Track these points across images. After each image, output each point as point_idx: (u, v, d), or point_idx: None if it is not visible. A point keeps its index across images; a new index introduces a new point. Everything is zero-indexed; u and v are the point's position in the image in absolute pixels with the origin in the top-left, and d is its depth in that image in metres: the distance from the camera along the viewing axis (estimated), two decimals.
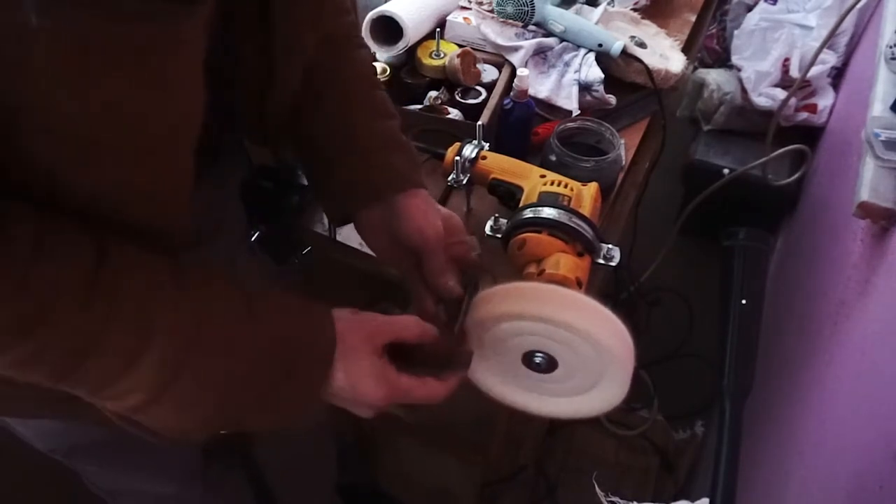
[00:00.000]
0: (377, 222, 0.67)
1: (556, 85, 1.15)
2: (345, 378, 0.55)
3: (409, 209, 0.65)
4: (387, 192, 0.65)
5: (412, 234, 0.64)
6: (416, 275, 0.67)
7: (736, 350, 0.64)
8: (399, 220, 0.65)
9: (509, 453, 1.40)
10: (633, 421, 1.55)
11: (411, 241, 0.65)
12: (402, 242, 0.66)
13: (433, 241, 0.64)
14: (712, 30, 1.76)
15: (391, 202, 0.65)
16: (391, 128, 0.68)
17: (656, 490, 1.49)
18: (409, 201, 0.65)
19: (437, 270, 0.65)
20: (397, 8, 1.09)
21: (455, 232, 0.69)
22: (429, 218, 0.65)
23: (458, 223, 0.70)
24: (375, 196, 0.66)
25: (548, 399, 0.67)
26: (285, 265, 0.96)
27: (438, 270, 0.65)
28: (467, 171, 0.92)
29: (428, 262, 0.65)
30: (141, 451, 0.78)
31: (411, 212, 0.65)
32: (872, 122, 0.89)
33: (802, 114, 1.59)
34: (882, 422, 0.64)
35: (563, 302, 0.59)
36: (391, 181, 0.66)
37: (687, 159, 1.71)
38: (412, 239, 0.65)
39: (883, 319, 0.74)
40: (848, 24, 1.56)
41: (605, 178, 0.97)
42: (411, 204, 0.65)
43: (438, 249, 0.65)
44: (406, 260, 0.67)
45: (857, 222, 0.91)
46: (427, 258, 0.65)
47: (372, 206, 0.66)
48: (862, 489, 0.64)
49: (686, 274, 1.72)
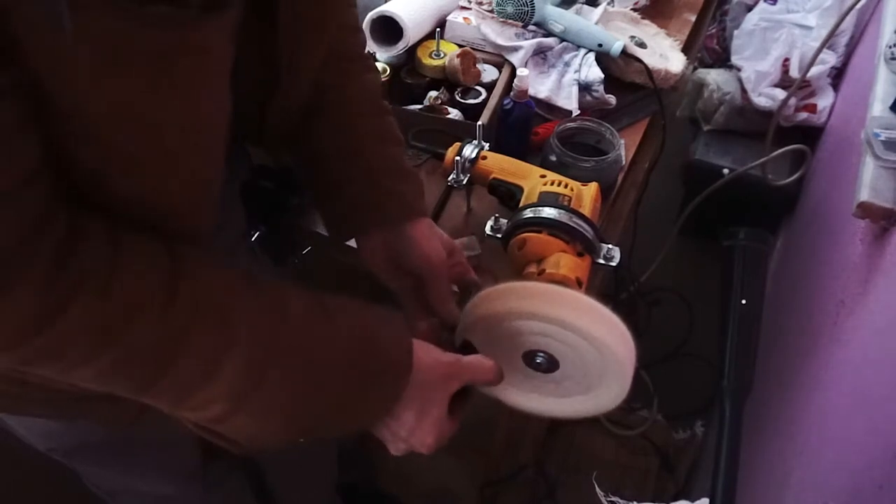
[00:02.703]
0: (380, 245, 0.68)
1: (556, 85, 1.15)
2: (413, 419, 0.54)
3: (416, 237, 0.67)
4: (394, 218, 0.67)
5: (417, 259, 0.66)
6: (413, 295, 0.68)
7: (736, 350, 0.64)
8: (405, 247, 0.67)
9: (509, 453, 1.40)
10: (633, 421, 1.55)
11: (416, 267, 0.67)
12: (406, 267, 0.67)
13: (438, 266, 0.67)
14: (712, 30, 1.76)
15: (398, 229, 0.67)
16: (399, 154, 0.70)
17: (656, 490, 1.49)
18: (415, 229, 0.67)
19: (442, 297, 0.67)
20: (397, 8, 1.09)
21: (454, 254, 0.71)
22: (434, 245, 0.67)
23: (457, 246, 0.73)
24: (382, 221, 0.67)
25: (548, 399, 0.67)
26: (285, 265, 0.96)
27: (443, 297, 0.67)
28: (467, 171, 0.93)
29: (432, 288, 0.67)
30: (141, 452, 0.78)
31: (417, 239, 0.66)
32: (872, 122, 0.89)
33: (802, 114, 1.59)
34: (882, 422, 0.64)
35: (563, 302, 0.59)
36: (399, 208, 0.67)
37: (687, 159, 1.71)
38: (417, 265, 0.67)
39: (883, 319, 0.74)
40: (848, 24, 1.56)
41: (605, 178, 0.97)
42: (417, 232, 0.67)
43: (443, 275, 0.67)
44: (404, 280, 0.69)
45: (857, 222, 0.91)
46: (431, 284, 0.67)
47: (377, 229, 0.67)
48: (861, 489, 0.64)
49: (686, 274, 1.72)
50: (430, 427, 0.55)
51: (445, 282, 0.67)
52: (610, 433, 1.54)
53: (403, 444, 0.57)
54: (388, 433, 0.56)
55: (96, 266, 0.42)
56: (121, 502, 0.87)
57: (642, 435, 1.54)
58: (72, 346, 0.43)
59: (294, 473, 0.96)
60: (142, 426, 0.65)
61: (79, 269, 0.41)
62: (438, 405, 0.55)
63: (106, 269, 0.42)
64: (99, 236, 0.43)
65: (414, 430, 0.55)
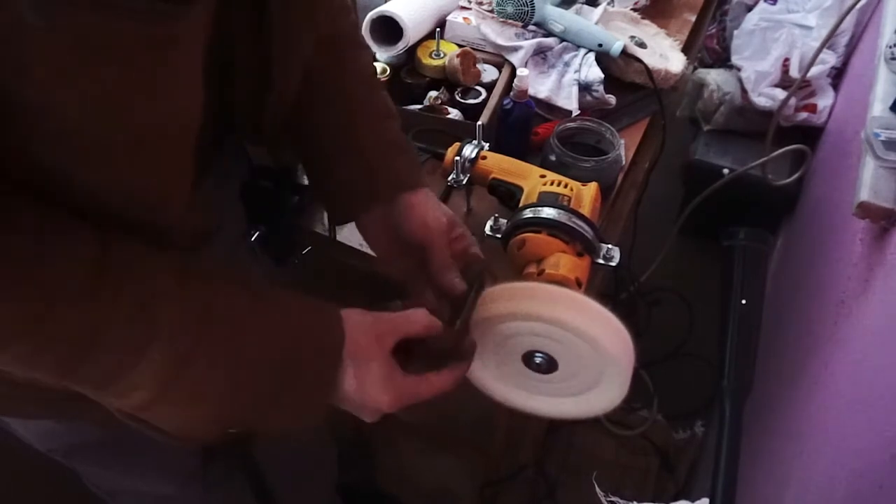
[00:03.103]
0: (380, 221, 0.67)
1: (556, 85, 1.15)
2: (355, 383, 0.54)
3: (413, 205, 0.66)
4: (391, 192, 0.66)
5: (416, 228, 0.65)
6: (417, 273, 0.67)
7: (736, 350, 0.64)
8: (402, 216, 0.65)
9: (509, 453, 1.40)
10: (633, 421, 1.55)
11: (415, 235, 0.65)
12: (406, 239, 0.66)
13: (437, 233, 0.65)
14: (712, 30, 1.76)
15: (395, 201, 0.66)
16: (393, 129, 0.69)
17: (656, 490, 1.49)
18: (412, 198, 0.66)
19: (442, 266, 0.65)
20: (397, 8, 1.09)
21: (455, 226, 0.69)
22: (432, 212, 0.66)
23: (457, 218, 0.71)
24: (379, 197, 0.66)
25: (548, 399, 0.67)
26: (285, 265, 0.96)
27: (443, 266, 0.65)
28: (467, 171, 0.93)
29: (432, 257, 0.65)
30: (141, 452, 0.78)
31: (414, 207, 0.65)
32: (872, 122, 0.89)
33: (802, 114, 1.59)
34: (882, 422, 0.64)
35: (563, 302, 0.59)
36: (395, 182, 0.66)
37: (687, 159, 1.71)
38: (416, 233, 0.65)
39: (883, 319, 0.74)
40: (848, 24, 1.56)
41: (605, 178, 0.97)
42: (414, 200, 0.66)
43: (443, 243, 0.66)
44: (407, 258, 0.67)
45: (857, 222, 0.91)
46: (431, 253, 0.65)
47: (375, 206, 0.67)
48: (861, 489, 0.64)
49: (686, 274, 1.72)
50: (376, 384, 0.54)
51: (446, 250, 0.66)
52: (610, 433, 1.54)
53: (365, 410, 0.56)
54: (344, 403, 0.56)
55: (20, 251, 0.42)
56: (121, 502, 0.87)
57: (642, 435, 1.54)
58: None
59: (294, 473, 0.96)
60: None
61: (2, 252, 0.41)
62: (375, 362, 0.55)
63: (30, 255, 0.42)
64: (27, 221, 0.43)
65: (361, 391, 0.54)
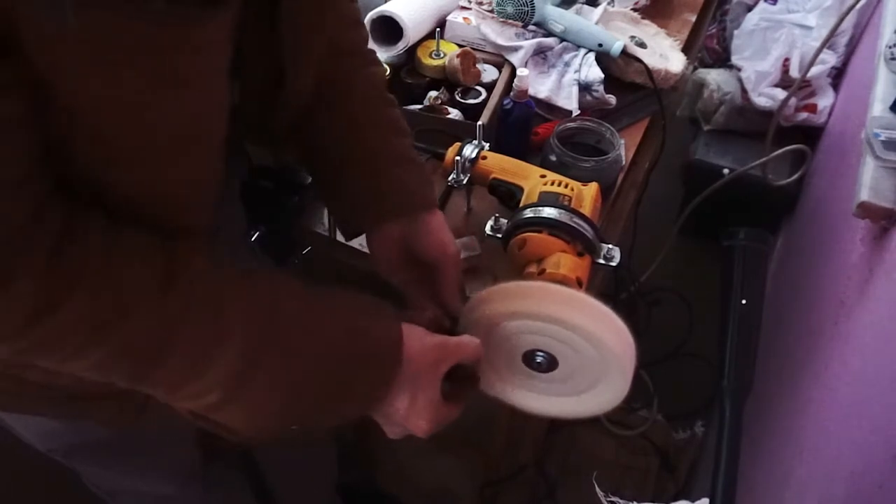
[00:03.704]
0: (395, 236, 0.68)
1: (556, 85, 1.15)
2: (408, 404, 0.55)
3: (432, 225, 0.67)
4: (410, 208, 0.67)
5: (434, 248, 0.67)
6: (419, 287, 0.69)
7: (736, 350, 0.64)
8: (422, 235, 0.67)
9: (509, 453, 1.40)
10: (633, 421, 1.55)
11: (429, 255, 0.67)
12: (419, 256, 0.68)
13: (452, 257, 0.68)
14: (712, 30, 1.76)
15: (414, 218, 0.67)
16: (408, 146, 0.70)
17: (656, 490, 1.49)
18: (431, 218, 0.68)
19: (452, 286, 0.68)
20: (397, 8, 1.09)
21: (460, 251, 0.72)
22: (449, 236, 0.69)
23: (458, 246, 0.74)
24: (398, 212, 0.68)
25: (548, 399, 0.67)
26: (285, 265, 0.96)
27: (453, 286, 0.68)
28: (467, 171, 0.93)
29: (444, 277, 0.67)
30: (141, 452, 0.78)
31: (433, 228, 0.67)
32: (872, 122, 0.89)
33: (802, 114, 1.59)
34: (881, 422, 0.64)
35: (563, 301, 0.59)
36: (413, 199, 0.68)
37: (687, 159, 1.71)
38: (431, 253, 0.67)
39: (883, 319, 0.74)
40: (848, 25, 1.56)
41: (605, 178, 0.97)
42: (433, 221, 0.68)
43: (456, 266, 0.68)
44: (412, 273, 0.69)
45: (857, 222, 0.91)
46: (443, 273, 0.67)
47: (392, 220, 0.68)
48: (861, 489, 0.64)
49: (686, 274, 1.72)
50: (423, 410, 0.56)
51: (456, 272, 0.68)
52: (610, 433, 1.54)
53: (399, 428, 0.58)
54: (383, 418, 0.57)
55: (92, 260, 0.43)
56: (121, 502, 0.87)
57: (642, 435, 1.54)
58: (67, 338, 0.43)
59: (294, 473, 0.96)
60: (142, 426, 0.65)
61: (76, 262, 0.42)
62: (429, 388, 0.56)
63: (101, 264, 0.43)
64: (95, 230, 0.44)
65: (408, 414, 0.56)
